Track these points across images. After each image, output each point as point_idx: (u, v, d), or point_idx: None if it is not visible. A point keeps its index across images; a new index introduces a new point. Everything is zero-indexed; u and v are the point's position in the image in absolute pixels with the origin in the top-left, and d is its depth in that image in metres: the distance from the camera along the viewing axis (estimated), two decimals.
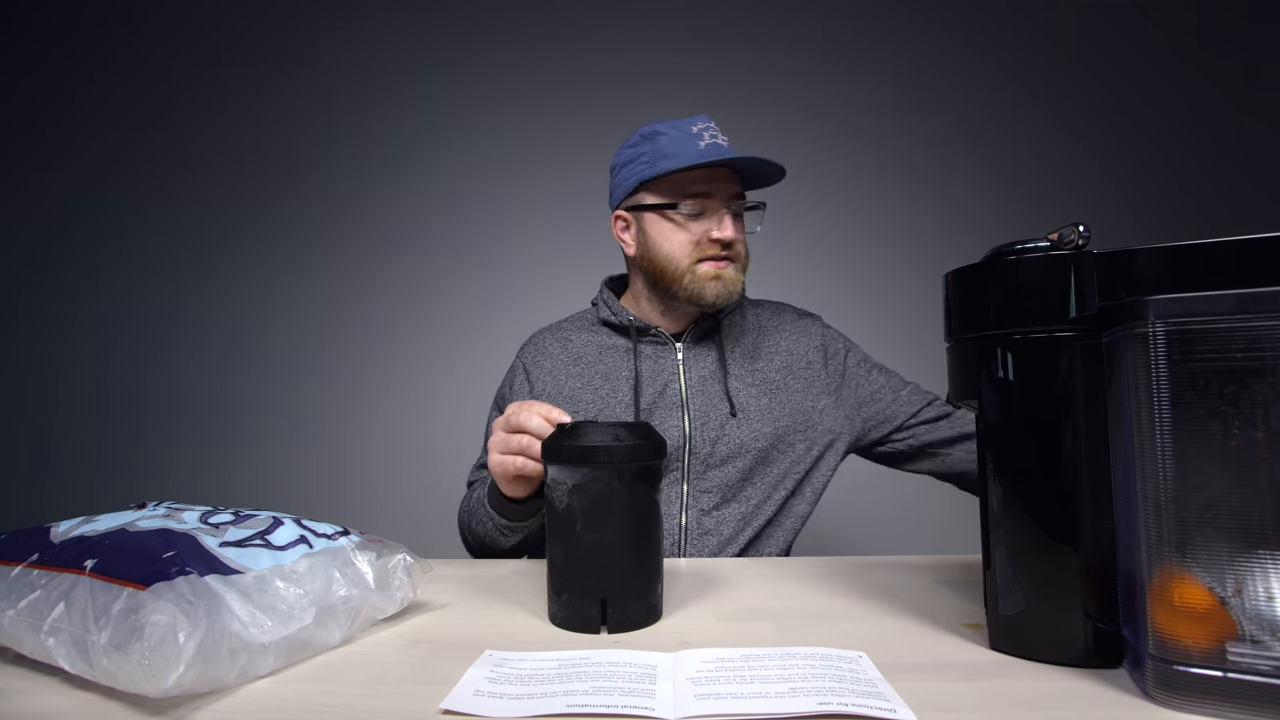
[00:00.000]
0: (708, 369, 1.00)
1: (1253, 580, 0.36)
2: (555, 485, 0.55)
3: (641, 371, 0.99)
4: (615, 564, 0.54)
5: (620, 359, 1.01)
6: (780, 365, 1.02)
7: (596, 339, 1.04)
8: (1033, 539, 0.45)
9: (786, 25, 2.05)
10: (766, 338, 1.05)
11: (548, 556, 0.57)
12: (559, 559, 0.56)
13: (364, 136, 2.06)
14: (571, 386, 1.00)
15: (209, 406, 2.03)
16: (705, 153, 0.92)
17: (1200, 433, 0.37)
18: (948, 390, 0.54)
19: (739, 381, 0.99)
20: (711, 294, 0.95)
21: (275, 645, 0.45)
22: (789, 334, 1.05)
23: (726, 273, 0.95)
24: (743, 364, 1.01)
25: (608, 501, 0.54)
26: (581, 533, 0.54)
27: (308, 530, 0.55)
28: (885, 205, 2.04)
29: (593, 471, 0.54)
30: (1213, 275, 0.40)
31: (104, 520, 0.53)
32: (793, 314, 1.10)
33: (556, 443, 0.55)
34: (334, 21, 2.06)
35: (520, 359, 1.07)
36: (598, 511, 0.54)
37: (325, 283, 2.05)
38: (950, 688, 0.42)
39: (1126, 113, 2.03)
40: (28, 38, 2.08)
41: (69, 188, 2.06)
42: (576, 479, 0.54)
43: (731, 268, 0.96)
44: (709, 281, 0.95)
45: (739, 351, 1.02)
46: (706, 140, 0.94)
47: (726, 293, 0.95)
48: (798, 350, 1.04)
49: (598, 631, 0.54)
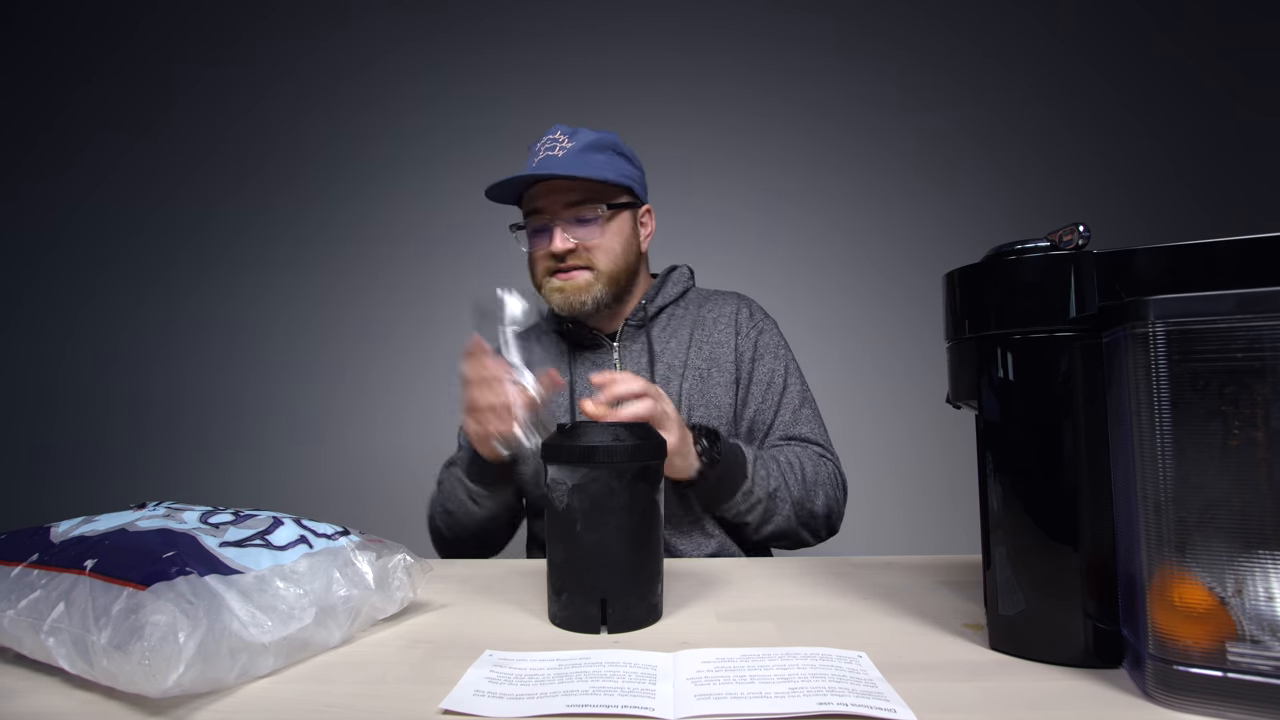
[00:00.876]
0: (640, 367, 1.00)
1: (1253, 580, 0.36)
2: (555, 485, 0.55)
3: (578, 374, 1.01)
4: (615, 564, 0.54)
5: (561, 362, 1.03)
6: (708, 356, 1.01)
7: (548, 343, 1.05)
8: (1033, 539, 0.45)
9: (787, 23, 2.05)
10: (700, 329, 1.03)
11: (548, 556, 0.57)
12: (559, 559, 0.56)
13: (363, 137, 2.06)
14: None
15: (209, 406, 2.03)
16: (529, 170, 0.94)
17: (1200, 433, 0.37)
18: (948, 390, 0.54)
19: (670, 371, 0.99)
20: (556, 304, 0.97)
21: (275, 645, 0.45)
22: (724, 326, 1.03)
23: (571, 283, 0.96)
24: (676, 356, 1.01)
25: (608, 501, 0.54)
26: (581, 533, 0.54)
27: (308, 530, 0.55)
28: (886, 203, 2.04)
29: (593, 471, 0.54)
30: (1213, 275, 0.40)
31: (104, 520, 0.53)
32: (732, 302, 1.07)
33: (557, 443, 0.55)
34: (335, 22, 2.06)
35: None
36: (598, 511, 0.54)
37: (326, 283, 2.05)
38: (950, 688, 0.42)
39: (1127, 107, 2.03)
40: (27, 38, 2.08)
41: (69, 190, 2.06)
42: (577, 479, 0.54)
43: (581, 276, 0.96)
44: (553, 293, 0.97)
45: (674, 345, 1.01)
46: (540, 156, 0.95)
47: (569, 303, 0.96)
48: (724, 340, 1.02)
49: (597, 631, 0.54)
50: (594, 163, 0.94)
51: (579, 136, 0.96)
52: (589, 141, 0.95)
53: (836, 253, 2.03)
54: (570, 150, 0.94)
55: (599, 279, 0.96)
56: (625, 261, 0.99)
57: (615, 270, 0.97)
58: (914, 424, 1.93)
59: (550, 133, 0.97)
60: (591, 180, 0.93)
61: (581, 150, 0.94)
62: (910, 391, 1.95)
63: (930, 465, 1.92)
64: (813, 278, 2.00)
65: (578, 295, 0.95)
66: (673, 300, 1.06)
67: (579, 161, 0.93)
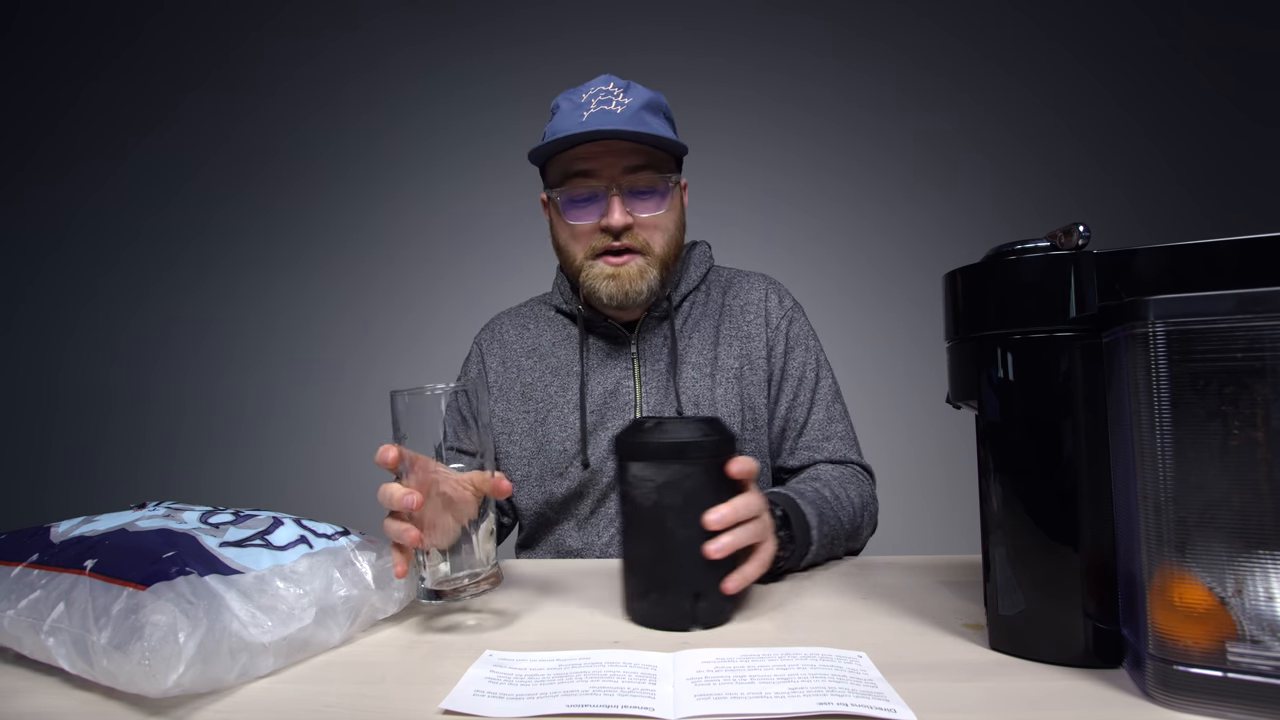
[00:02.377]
0: (663, 363, 0.88)
1: (1253, 580, 0.36)
2: (640, 482, 0.54)
3: (590, 367, 0.89)
4: (706, 558, 0.54)
5: (572, 352, 0.90)
6: (739, 353, 0.90)
7: (553, 327, 0.94)
8: (1033, 539, 0.45)
9: (787, 25, 2.05)
10: (728, 320, 0.91)
11: (627, 556, 0.56)
12: (645, 557, 0.55)
13: (365, 139, 2.06)
14: (525, 380, 0.92)
15: (210, 407, 2.03)
16: (579, 126, 0.77)
17: (1200, 433, 0.37)
18: (948, 390, 0.54)
19: (696, 371, 0.88)
20: (606, 294, 0.82)
21: (275, 645, 0.45)
22: (753, 316, 0.92)
23: (626, 270, 0.81)
24: (701, 353, 0.89)
25: (699, 496, 0.53)
26: (674, 529, 0.53)
27: (308, 530, 0.55)
28: (886, 204, 2.04)
29: (685, 467, 0.53)
30: (1213, 275, 0.40)
31: (104, 520, 0.53)
32: (759, 286, 0.95)
33: (641, 440, 0.54)
34: (343, 23, 2.06)
35: (477, 344, 0.98)
36: (689, 507, 0.53)
37: (327, 284, 2.05)
38: (950, 688, 0.42)
39: (1126, 109, 2.03)
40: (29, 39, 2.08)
41: (71, 191, 2.07)
42: (667, 475, 0.53)
43: (636, 262, 0.81)
44: (603, 280, 0.81)
45: (697, 340, 0.90)
46: (592, 110, 0.78)
47: (624, 293, 0.81)
48: (755, 333, 0.91)
49: (688, 629, 0.53)
50: (653, 124, 0.80)
51: (634, 92, 0.81)
52: (646, 100, 0.81)
53: (836, 253, 2.03)
54: (629, 107, 0.78)
55: (652, 264, 0.82)
56: (678, 247, 0.86)
57: (668, 255, 0.84)
58: (914, 424, 1.93)
59: (599, 82, 0.82)
60: (658, 146, 0.78)
61: (641, 109, 0.79)
62: (910, 391, 1.95)
63: (930, 465, 1.92)
64: (812, 278, 2.00)
65: (634, 284, 0.81)
66: (694, 286, 0.92)
67: (641, 120, 0.78)
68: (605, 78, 0.83)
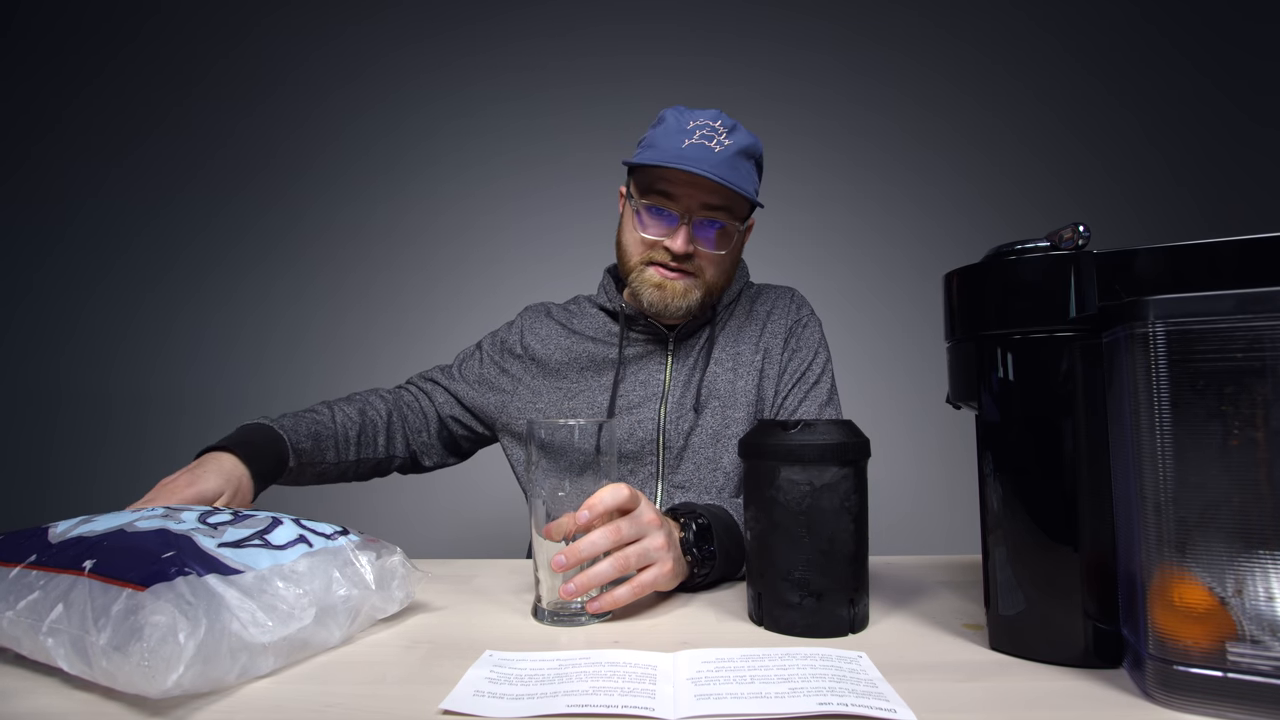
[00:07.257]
0: (693, 360, 0.96)
1: (1253, 580, 0.36)
2: (793, 486, 0.52)
3: (626, 358, 0.96)
4: (863, 562, 0.53)
5: (610, 342, 0.98)
6: (763, 349, 0.98)
7: (595, 322, 1.02)
8: (1033, 539, 0.45)
9: (788, 25, 2.05)
10: (754, 323, 1.00)
11: (778, 563, 0.53)
12: (800, 562, 0.52)
13: (365, 138, 2.06)
14: (558, 359, 0.99)
15: (210, 408, 2.03)
16: (676, 155, 0.85)
17: (1200, 433, 0.37)
18: (948, 390, 0.54)
19: (719, 366, 0.95)
20: (648, 300, 0.90)
21: (275, 645, 0.45)
22: (778, 316, 1.01)
23: (673, 285, 0.89)
24: (724, 349, 0.97)
25: (852, 498, 0.53)
26: (836, 533, 0.52)
27: (307, 530, 0.55)
28: (886, 204, 2.04)
29: (841, 469, 0.52)
30: (1213, 275, 0.40)
31: (103, 520, 0.53)
32: (785, 298, 1.04)
33: (795, 443, 0.53)
34: (348, 16, 2.06)
35: (521, 319, 1.07)
36: (846, 510, 0.52)
37: (327, 285, 2.05)
38: (950, 688, 0.42)
39: (1127, 110, 2.03)
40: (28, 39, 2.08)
41: (71, 191, 2.06)
42: (826, 478, 0.52)
43: (683, 282, 0.90)
44: (650, 287, 0.90)
45: (724, 341, 0.98)
46: (694, 140, 0.86)
47: (664, 304, 0.90)
48: (778, 331, 0.99)
49: (846, 634, 0.52)
50: (742, 172, 0.88)
51: (737, 136, 0.88)
52: (744, 146, 0.88)
53: (836, 253, 2.03)
54: (728, 150, 0.86)
55: (699, 287, 0.91)
56: (727, 279, 0.95)
57: (716, 285, 0.93)
58: (914, 424, 1.93)
59: (709, 117, 0.88)
60: (740, 193, 0.86)
61: (736, 154, 0.87)
62: (910, 391, 1.95)
63: (930, 465, 1.92)
64: (812, 279, 1.99)
65: (676, 299, 0.90)
66: (735, 298, 1.01)
67: (733, 167, 0.86)
68: (715, 113, 0.89)
